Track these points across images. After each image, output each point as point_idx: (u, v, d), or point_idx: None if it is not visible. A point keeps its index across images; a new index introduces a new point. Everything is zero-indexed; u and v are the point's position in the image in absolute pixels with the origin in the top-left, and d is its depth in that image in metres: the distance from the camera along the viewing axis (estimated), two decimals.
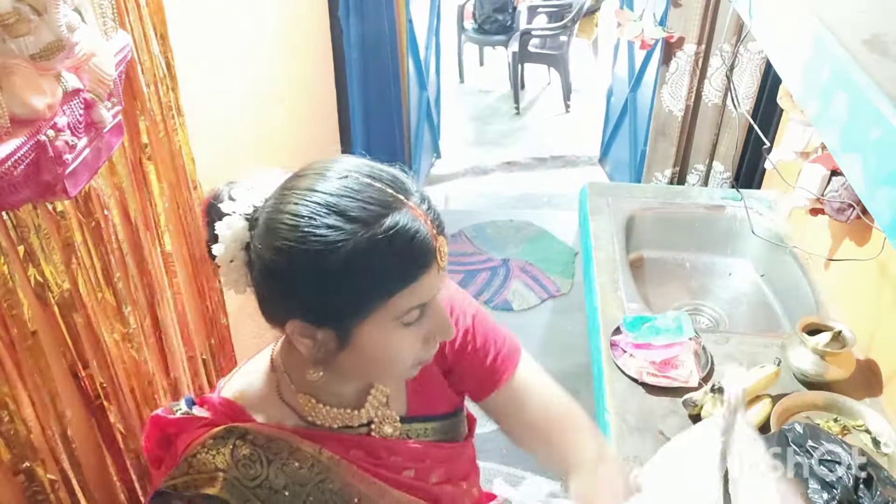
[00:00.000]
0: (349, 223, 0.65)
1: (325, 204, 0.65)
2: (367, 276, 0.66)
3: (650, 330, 1.51)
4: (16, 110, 0.70)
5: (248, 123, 1.65)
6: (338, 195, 0.66)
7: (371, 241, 0.64)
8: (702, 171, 2.58)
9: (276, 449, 0.75)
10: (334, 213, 0.65)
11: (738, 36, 2.20)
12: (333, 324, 0.69)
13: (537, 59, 4.83)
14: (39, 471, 0.87)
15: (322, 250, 0.64)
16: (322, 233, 0.64)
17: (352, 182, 0.67)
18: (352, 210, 0.65)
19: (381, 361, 0.73)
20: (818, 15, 0.78)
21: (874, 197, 0.63)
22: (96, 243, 0.98)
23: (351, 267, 0.65)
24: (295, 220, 0.65)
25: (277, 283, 0.69)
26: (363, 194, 0.66)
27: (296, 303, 0.69)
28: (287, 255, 0.66)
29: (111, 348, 1.02)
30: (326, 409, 0.80)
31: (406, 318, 0.70)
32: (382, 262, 0.66)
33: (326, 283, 0.66)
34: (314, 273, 0.65)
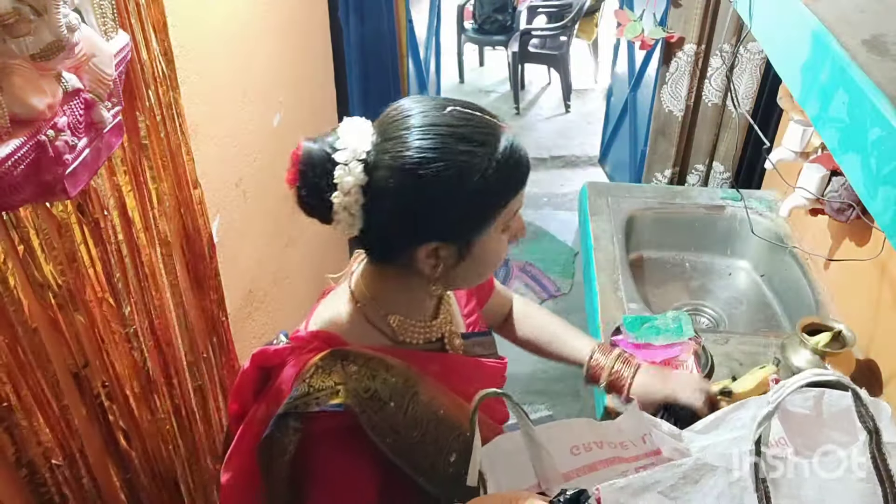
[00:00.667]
0: (479, 147, 0.74)
1: (450, 134, 0.73)
2: (495, 191, 0.76)
3: (650, 330, 1.51)
4: (16, 110, 0.70)
5: (248, 123, 1.65)
6: (456, 125, 0.74)
7: (499, 161, 0.75)
8: (702, 172, 2.58)
9: (374, 366, 0.79)
10: (463, 140, 0.73)
11: (738, 36, 2.20)
12: (461, 239, 0.78)
13: (537, 59, 4.83)
14: (41, 465, 0.87)
15: (462, 174, 0.73)
16: (463, 159, 0.73)
17: (458, 113, 0.75)
18: (475, 136, 0.74)
19: (489, 265, 0.84)
20: (818, 15, 0.78)
21: (874, 197, 0.63)
22: (96, 243, 0.98)
23: (486, 185, 0.74)
24: (431, 152, 0.72)
25: (414, 213, 0.75)
26: (475, 121, 0.75)
27: (430, 227, 0.76)
28: (428, 184, 0.72)
29: (111, 348, 1.02)
30: (412, 324, 0.87)
31: (508, 224, 0.81)
32: (507, 177, 0.77)
33: (464, 203, 0.75)
34: (454, 195, 0.74)
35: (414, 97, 0.79)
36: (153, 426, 1.15)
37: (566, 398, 2.46)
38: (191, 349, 1.30)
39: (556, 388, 2.48)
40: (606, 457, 0.81)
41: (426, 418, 0.80)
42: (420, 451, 0.79)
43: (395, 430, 0.77)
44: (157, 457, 1.16)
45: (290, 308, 1.98)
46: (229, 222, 1.56)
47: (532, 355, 1.29)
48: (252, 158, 1.68)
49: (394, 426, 0.77)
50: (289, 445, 0.75)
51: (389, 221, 0.76)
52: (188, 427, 1.29)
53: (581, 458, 0.80)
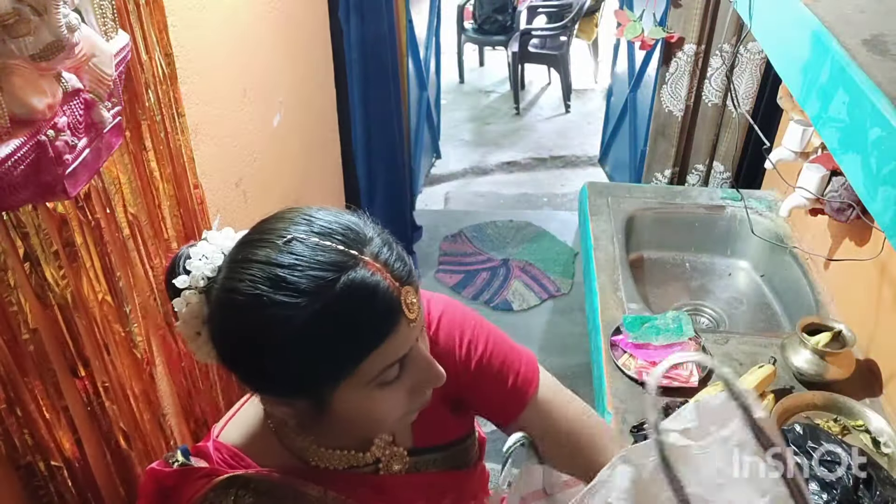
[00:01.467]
0: (299, 296, 0.59)
1: (272, 278, 0.60)
2: (327, 346, 0.61)
3: (650, 330, 1.51)
4: (16, 110, 0.70)
5: (248, 123, 1.65)
6: (285, 266, 0.60)
7: (324, 312, 0.60)
8: (702, 172, 2.58)
9: (280, 495, 0.72)
10: (282, 287, 0.60)
11: (738, 36, 2.20)
12: (307, 395, 0.65)
13: (537, 59, 4.83)
14: (40, 465, 0.87)
15: (276, 328, 0.60)
16: (272, 312, 0.60)
17: (299, 247, 0.61)
18: (300, 282, 0.60)
19: (365, 423, 0.70)
20: (818, 15, 0.78)
21: (874, 197, 0.63)
22: (96, 243, 0.98)
23: (308, 340, 0.60)
24: (244, 298, 0.61)
25: (239, 362, 0.65)
26: (312, 260, 0.61)
27: (261, 379, 0.66)
28: (242, 335, 0.63)
29: (111, 348, 1.02)
30: (330, 453, 0.77)
31: (383, 378, 0.65)
32: (341, 329, 0.61)
33: (286, 358, 0.62)
34: (273, 350, 0.61)
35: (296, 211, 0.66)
36: (153, 426, 1.15)
37: None
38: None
39: None
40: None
41: None
42: None
43: None
44: (157, 457, 1.16)
45: None
46: (229, 222, 1.56)
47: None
48: (252, 158, 1.68)
49: None
50: None
51: (223, 361, 0.66)
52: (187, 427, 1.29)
53: None
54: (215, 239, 0.70)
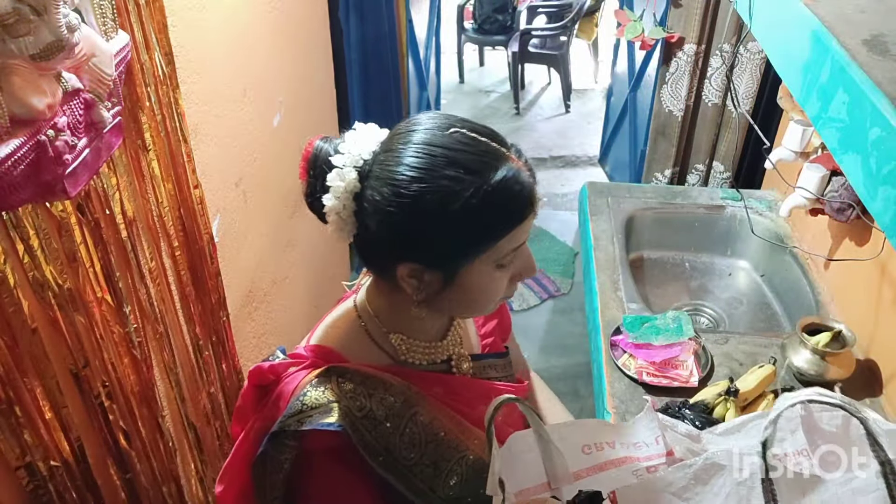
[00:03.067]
0: (468, 174, 0.70)
1: (443, 156, 0.70)
2: (480, 223, 0.72)
3: (650, 330, 1.51)
4: (16, 110, 0.70)
5: (248, 123, 1.65)
6: (453, 148, 0.71)
7: (487, 191, 0.70)
8: (702, 171, 2.58)
9: (372, 385, 0.79)
10: (453, 164, 0.70)
11: (738, 36, 2.21)
12: (444, 266, 0.75)
13: (537, 59, 4.83)
14: (40, 465, 0.87)
15: (444, 199, 0.70)
16: (445, 183, 0.69)
17: (461, 136, 0.72)
18: (468, 162, 0.70)
19: (478, 299, 0.80)
20: (818, 15, 0.78)
21: (874, 197, 0.63)
22: (96, 243, 0.98)
23: (468, 215, 0.70)
24: (417, 171, 0.70)
25: (395, 230, 0.73)
26: (474, 147, 0.72)
27: (411, 248, 0.74)
28: (409, 204, 0.70)
29: (111, 348, 1.02)
30: (415, 344, 0.85)
31: (504, 260, 0.76)
32: (495, 210, 0.72)
33: (445, 229, 0.72)
34: (435, 220, 0.71)
35: (431, 113, 0.77)
36: (153, 426, 1.15)
37: (566, 398, 2.45)
38: (191, 349, 1.30)
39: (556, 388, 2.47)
40: (618, 456, 0.81)
41: (425, 440, 0.79)
42: (418, 473, 0.78)
43: (389, 450, 0.77)
44: (156, 456, 1.16)
45: (289, 308, 1.98)
46: (229, 222, 1.56)
47: (530, 355, 1.28)
48: (252, 158, 1.68)
49: (388, 446, 0.77)
50: (284, 463, 0.75)
51: (373, 234, 0.75)
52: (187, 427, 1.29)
53: (592, 458, 0.80)
54: (361, 131, 0.78)
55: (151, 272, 1.15)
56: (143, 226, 1.12)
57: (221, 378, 1.43)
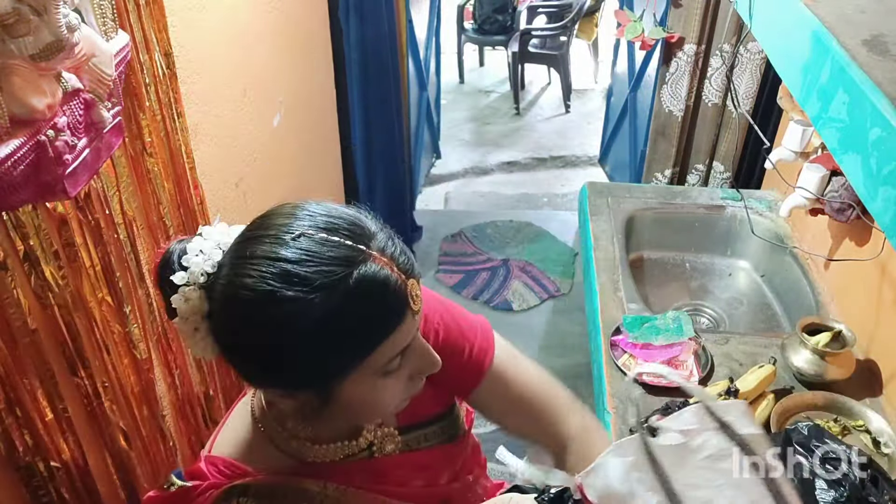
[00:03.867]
0: (312, 291, 0.60)
1: (283, 274, 0.60)
2: (338, 341, 0.62)
3: (650, 330, 1.51)
4: (16, 110, 0.70)
5: (248, 123, 1.65)
6: (295, 261, 0.60)
7: (338, 306, 0.60)
8: (702, 171, 2.58)
9: (281, 495, 0.72)
10: (295, 283, 0.60)
11: (738, 36, 2.21)
12: (313, 387, 0.66)
13: (537, 59, 4.83)
14: (40, 465, 0.87)
15: (289, 323, 0.60)
16: (287, 308, 0.60)
17: (306, 243, 0.61)
18: (312, 277, 0.60)
19: (367, 410, 0.72)
20: (818, 15, 0.78)
21: (874, 197, 0.63)
22: (96, 243, 0.98)
23: (320, 335, 0.61)
24: (255, 294, 0.60)
25: (246, 358, 0.65)
26: (322, 255, 0.61)
27: (269, 375, 0.66)
28: (252, 330, 0.62)
29: (111, 348, 1.02)
30: (325, 447, 0.77)
31: (389, 367, 0.67)
32: (353, 323, 0.62)
33: (297, 353, 0.62)
34: (283, 345, 0.62)
35: (286, 209, 0.66)
36: (153, 426, 1.15)
37: None
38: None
39: None
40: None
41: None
42: None
43: None
44: (156, 457, 1.16)
45: None
46: (229, 222, 1.55)
47: (530, 356, 1.24)
48: (252, 158, 1.68)
49: None
50: None
51: (227, 358, 0.66)
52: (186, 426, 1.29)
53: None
54: (211, 234, 0.69)
55: (151, 272, 1.15)
56: (142, 226, 1.12)
57: (221, 377, 1.43)
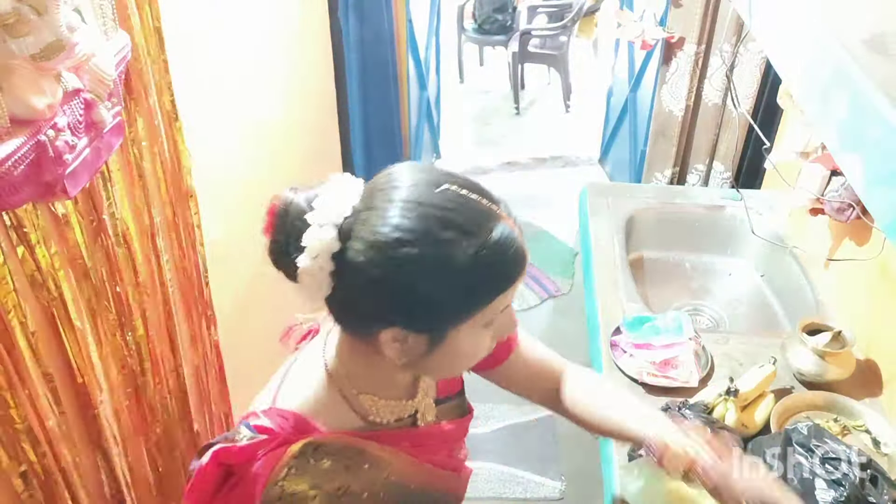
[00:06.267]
0: (462, 236, 0.66)
1: (434, 217, 0.66)
2: (475, 286, 0.69)
3: (650, 330, 1.51)
4: (16, 110, 0.70)
5: (248, 124, 1.65)
6: (445, 208, 0.67)
7: (483, 254, 0.67)
8: (702, 171, 2.58)
9: (349, 455, 0.76)
10: (446, 226, 0.66)
11: (738, 36, 2.21)
12: (432, 330, 0.71)
13: (537, 59, 4.83)
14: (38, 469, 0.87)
15: (438, 262, 0.66)
16: (439, 246, 0.66)
17: (452, 194, 0.68)
18: (462, 223, 0.66)
19: (464, 360, 0.77)
20: (818, 15, 0.78)
21: (874, 197, 0.63)
22: (96, 243, 0.98)
23: (462, 278, 0.67)
24: (408, 233, 0.65)
25: (382, 294, 0.68)
26: (467, 206, 0.68)
27: (398, 312, 0.70)
28: (399, 267, 0.66)
29: (111, 349, 1.02)
30: (384, 403, 0.82)
31: (491, 321, 0.73)
32: (490, 272, 0.69)
33: (438, 293, 0.68)
34: (427, 284, 0.67)
35: (413, 165, 0.72)
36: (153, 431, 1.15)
37: None
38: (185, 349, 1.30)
39: None
40: None
41: (397, 499, 0.80)
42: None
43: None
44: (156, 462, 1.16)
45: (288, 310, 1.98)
46: (229, 222, 1.56)
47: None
48: (252, 158, 1.68)
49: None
50: None
51: (354, 296, 0.70)
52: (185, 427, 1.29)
53: None
54: (338, 183, 0.72)
55: (150, 273, 1.14)
56: (142, 226, 1.12)
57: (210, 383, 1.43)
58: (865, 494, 1.04)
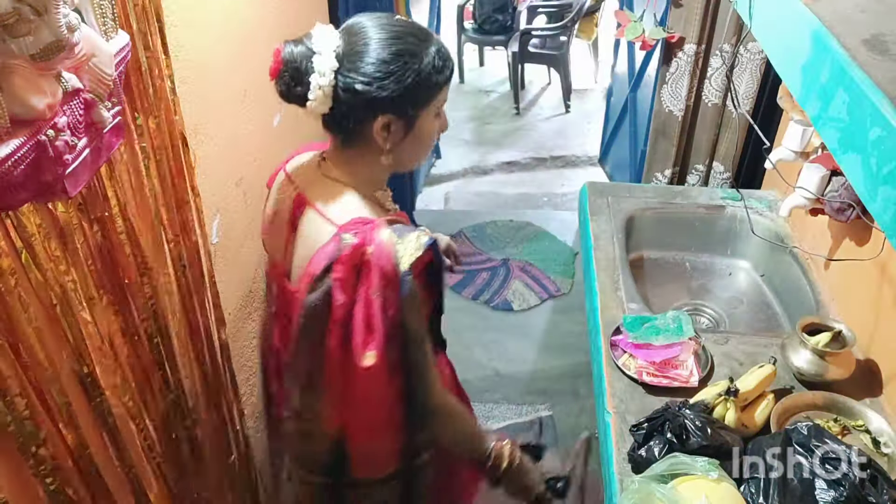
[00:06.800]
0: (425, 43, 1.01)
1: (403, 32, 1.01)
2: (433, 77, 1.02)
3: (650, 330, 1.51)
4: (16, 110, 0.70)
5: (248, 123, 1.65)
6: (406, 26, 1.02)
7: (438, 52, 1.02)
8: (702, 171, 2.58)
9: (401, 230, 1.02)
10: (413, 36, 1.01)
11: (738, 36, 2.21)
12: (408, 114, 1.03)
13: (537, 59, 4.83)
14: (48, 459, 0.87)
15: (413, 60, 0.99)
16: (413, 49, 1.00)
17: (402, 20, 1.03)
18: (420, 34, 1.02)
19: (425, 145, 1.10)
20: (818, 15, 0.78)
21: (874, 197, 0.63)
22: (96, 243, 0.98)
23: (428, 71, 1.01)
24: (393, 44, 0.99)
25: (378, 90, 0.99)
26: (416, 28, 1.04)
27: (389, 102, 1.00)
28: (391, 66, 0.98)
29: (113, 347, 1.02)
30: (383, 194, 1.14)
31: (439, 110, 1.08)
32: (442, 66, 1.03)
33: (413, 83, 1.00)
34: (407, 77, 0.99)
35: (368, 14, 1.04)
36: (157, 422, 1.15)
37: (566, 397, 2.46)
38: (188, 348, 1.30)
39: (556, 388, 2.49)
40: None
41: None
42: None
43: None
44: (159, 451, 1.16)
45: None
46: (229, 222, 1.56)
47: (530, 355, 1.32)
48: (252, 158, 1.68)
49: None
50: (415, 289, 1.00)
51: (353, 100, 0.99)
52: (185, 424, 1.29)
53: None
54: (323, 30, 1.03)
55: (151, 272, 1.15)
56: (143, 225, 1.12)
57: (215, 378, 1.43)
58: (865, 494, 1.04)
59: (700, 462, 1.12)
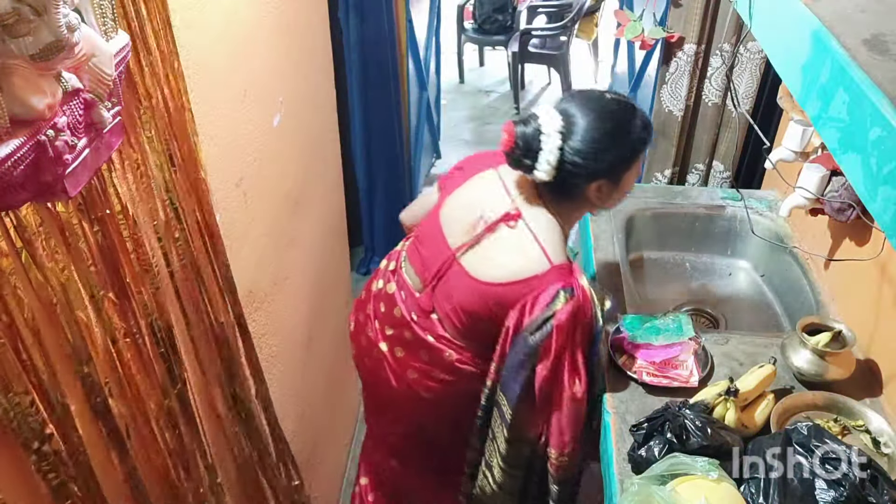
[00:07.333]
0: (632, 116, 1.29)
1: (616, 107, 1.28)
2: (639, 146, 1.31)
3: (650, 330, 1.51)
4: (16, 110, 0.70)
5: (248, 123, 1.65)
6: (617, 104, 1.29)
7: (642, 126, 1.30)
8: (702, 171, 2.58)
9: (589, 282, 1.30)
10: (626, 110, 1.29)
11: (738, 36, 2.20)
12: (619, 176, 1.31)
13: (537, 59, 4.83)
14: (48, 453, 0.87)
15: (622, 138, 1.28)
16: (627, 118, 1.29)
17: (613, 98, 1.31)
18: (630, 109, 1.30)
19: (626, 192, 1.38)
20: (818, 15, 0.78)
21: (874, 197, 0.63)
22: (97, 243, 0.98)
23: (634, 142, 1.30)
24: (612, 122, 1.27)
25: (594, 166, 1.26)
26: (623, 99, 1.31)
27: (602, 171, 1.28)
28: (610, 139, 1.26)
29: (115, 347, 1.02)
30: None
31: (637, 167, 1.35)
32: (645, 137, 1.31)
33: (627, 152, 1.30)
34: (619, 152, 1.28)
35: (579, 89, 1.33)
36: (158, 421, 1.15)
37: None
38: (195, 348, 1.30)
39: None
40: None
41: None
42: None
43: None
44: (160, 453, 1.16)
45: (290, 308, 1.98)
46: (229, 222, 1.55)
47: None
48: (252, 158, 1.68)
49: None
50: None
51: (575, 170, 1.25)
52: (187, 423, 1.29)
53: None
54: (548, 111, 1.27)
55: (153, 271, 1.14)
56: (143, 225, 1.12)
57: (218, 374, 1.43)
58: (865, 494, 1.04)
59: (700, 462, 1.12)
